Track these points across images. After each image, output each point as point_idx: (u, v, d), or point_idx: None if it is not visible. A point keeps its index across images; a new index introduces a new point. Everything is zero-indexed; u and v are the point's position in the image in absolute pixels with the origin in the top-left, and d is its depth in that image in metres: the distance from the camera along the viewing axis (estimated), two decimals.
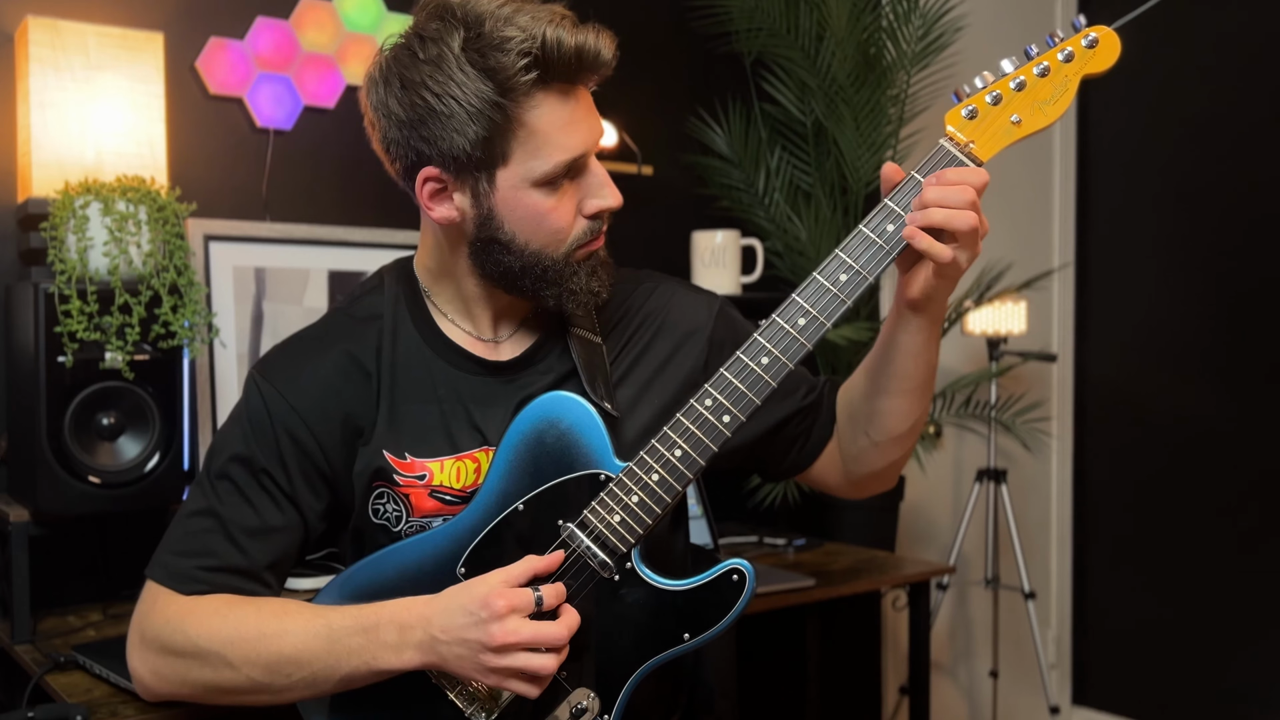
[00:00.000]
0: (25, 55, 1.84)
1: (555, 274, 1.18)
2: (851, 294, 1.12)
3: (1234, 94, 3.26)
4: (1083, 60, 1.13)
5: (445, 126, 1.10)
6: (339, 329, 1.24)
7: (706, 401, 1.13)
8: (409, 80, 1.10)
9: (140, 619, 1.19)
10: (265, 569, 1.19)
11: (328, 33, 2.30)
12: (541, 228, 1.15)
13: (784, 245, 2.85)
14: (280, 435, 1.19)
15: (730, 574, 1.15)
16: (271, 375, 1.21)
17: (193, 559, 1.17)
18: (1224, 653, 3.31)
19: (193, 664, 1.15)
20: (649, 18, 2.80)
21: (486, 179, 1.13)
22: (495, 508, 1.17)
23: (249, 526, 1.18)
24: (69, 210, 1.75)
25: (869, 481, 1.35)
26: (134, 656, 1.19)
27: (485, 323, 1.25)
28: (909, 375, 1.22)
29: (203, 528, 1.18)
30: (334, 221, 2.29)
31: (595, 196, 1.17)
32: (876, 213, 1.13)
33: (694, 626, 1.15)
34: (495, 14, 1.08)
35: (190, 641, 1.14)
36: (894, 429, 1.26)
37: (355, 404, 1.21)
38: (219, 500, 1.18)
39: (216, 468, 1.20)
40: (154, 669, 1.17)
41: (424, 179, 1.15)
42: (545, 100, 1.10)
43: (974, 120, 1.12)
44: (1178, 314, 3.43)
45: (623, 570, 1.15)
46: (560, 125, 1.11)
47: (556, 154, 1.12)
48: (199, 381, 2.08)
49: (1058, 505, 3.67)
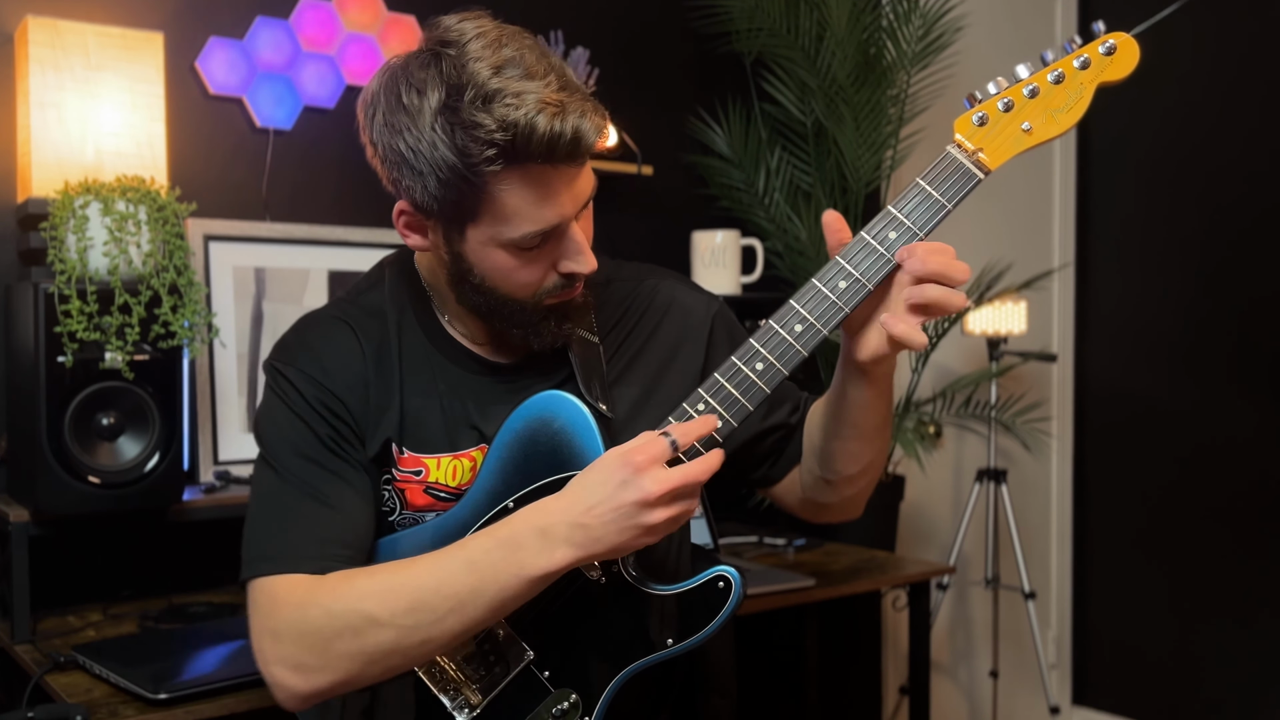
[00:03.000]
0: (25, 55, 1.84)
1: (523, 318, 1.17)
2: (850, 302, 1.10)
3: (1235, 94, 3.26)
4: (1100, 67, 1.10)
5: (415, 179, 1.08)
6: (346, 315, 1.24)
7: (699, 405, 1.12)
8: (390, 122, 1.08)
9: (262, 621, 1.11)
10: (364, 539, 1.17)
11: (328, 33, 2.30)
12: (510, 280, 1.14)
13: (784, 245, 2.85)
14: (322, 411, 1.17)
15: (716, 580, 1.14)
16: (291, 359, 1.20)
17: (299, 542, 1.13)
18: (1224, 653, 3.31)
19: (336, 636, 1.07)
20: (650, 17, 2.80)
21: (457, 230, 1.12)
22: (485, 505, 1.17)
23: (334, 504, 1.15)
24: (69, 210, 1.75)
25: (823, 511, 1.33)
26: (272, 664, 1.09)
27: (479, 330, 1.24)
28: (859, 424, 1.20)
29: (293, 511, 1.14)
30: (334, 221, 2.29)
31: (569, 259, 1.14)
32: (879, 220, 1.11)
33: (678, 632, 1.14)
34: (479, 86, 1.03)
35: (328, 613, 1.08)
36: (845, 469, 1.24)
37: (370, 382, 1.20)
38: (302, 481, 1.15)
39: (282, 458, 1.16)
40: (298, 663, 1.08)
41: (399, 210, 1.15)
42: (516, 181, 1.07)
43: (984, 127, 1.10)
44: (1178, 314, 3.43)
45: (609, 572, 1.15)
46: (531, 202, 1.08)
47: (526, 225, 1.09)
48: (199, 381, 2.09)
49: (1058, 505, 3.67)
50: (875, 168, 2.79)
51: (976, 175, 1.10)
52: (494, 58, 1.05)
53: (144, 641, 1.75)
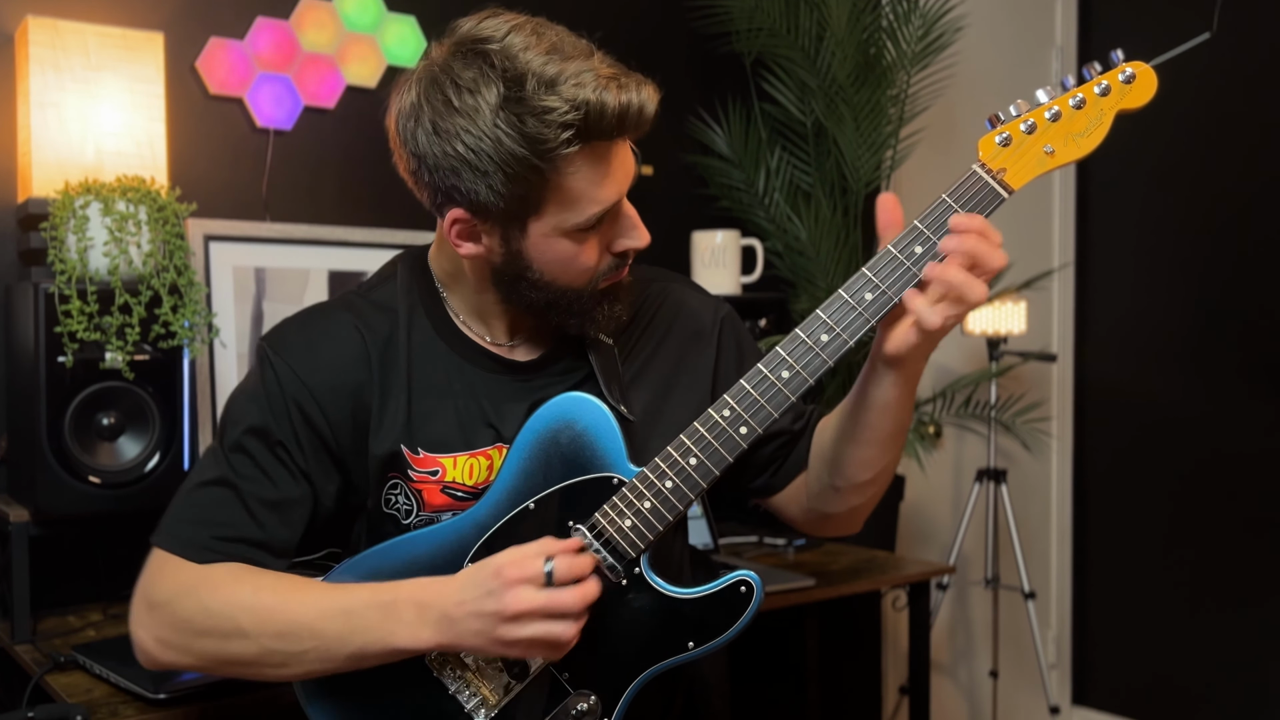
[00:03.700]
0: (25, 55, 1.84)
1: (580, 305, 1.18)
2: (875, 314, 1.12)
3: (1235, 94, 3.26)
4: (1119, 95, 1.13)
5: (478, 179, 1.07)
6: (353, 310, 1.23)
7: (724, 411, 1.13)
8: (442, 129, 1.07)
9: (147, 587, 1.15)
10: (279, 543, 1.17)
11: (328, 33, 2.30)
12: (570, 269, 1.15)
13: (784, 245, 2.85)
14: (293, 410, 1.17)
15: (739, 585, 1.15)
16: (283, 349, 1.20)
17: (207, 528, 1.15)
18: (1224, 653, 3.32)
19: (204, 633, 1.12)
20: (650, 18, 2.80)
21: (518, 227, 1.12)
22: (506, 505, 1.17)
23: (265, 499, 1.16)
24: (69, 210, 1.76)
25: (826, 522, 1.34)
26: (139, 626, 1.15)
27: (500, 330, 1.24)
28: (876, 427, 1.20)
29: (217, 498, 1.17)
30: (334, 221, 2.29)
31: (625, 237, 1.17)
32: (905, 234, 1.13)
33: (699, 635, 1.15)
34: (538, 74, 1.04)
35: (204, 609, 1.11)
36: (856, 476, 1.25)
37: (365, 385, 1.19)
38: (234, 471, 1.17)
39: (232, 439, 1.18)
40: (160, 637, 1.13)
41: (452, 219, 1.13)
42: (583, 161, 1.08)
43: (1007, 148, 1.13)
44: (1178, 314, 3.43)
45: (631, 575, 1.15)
46: (596, 181, 1.10)
47: (591, 208, 1.11)
48: (199, 381, 2.09)
49: (1058, 505, 3.67)
50: (875, 168, 2.79)
51: (1001, 195, 1.13)
52: (541, 45, 1.06)
53: None
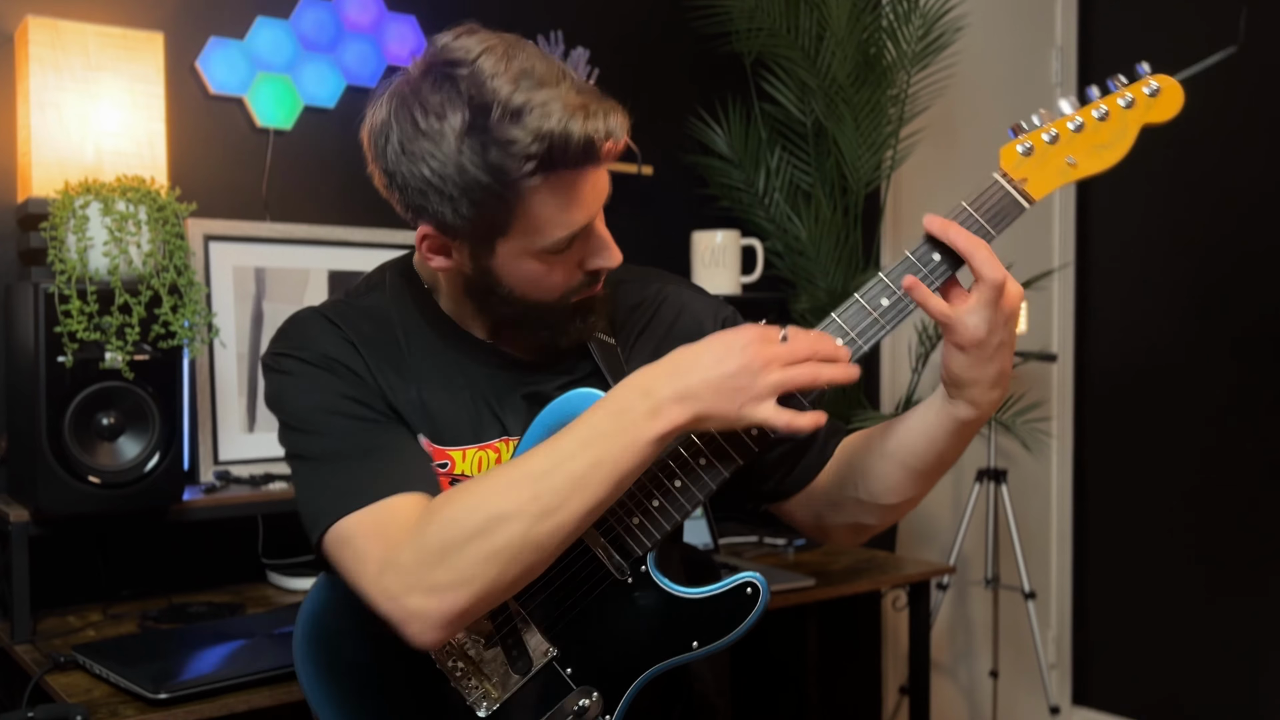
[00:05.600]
0: (25, 55, 1.84)
1: (552, 319, 1.17)
2: (892, 320, 1.10)
3: (1235, 94, 3.26)
4: (1145, 108, 1.12)
5: (444, 203, 1.07)
6: (335, 313, 1.22)
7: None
8: (409, 150, 1.06)
9: (373, 558, 1.04)
10: (433, 478, 1.13)
11: (328, 33, 2.30)
12: (539, 287, 1.14)
13: (784, 245, 2.85)
14: (340, 372, 1.15)
15: (745, 586, 1.15)
16: (288, 346, 1.19)
17: (377, 478, 1.08)
18: (1224, 653, 3.32)
19: (469, 543, 1.02)
20: (650, 18, 2.80)
21: (486, 247, 1.12)
22: None
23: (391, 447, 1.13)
24: (69, 210, 1.76)
25: (837, 532, 1.31)
26: (402, 598, 1.02)
27: (488, 332, 1.24)
28: (915, 452, 1.17)
29: (359, 457, 1.10)
30: (334, 221, 2.29)
31: (596, 257, 1.15)
32: (924, 243, 1.11)
33: (704, 636, 1.15)
34: (504, 102, 1.02)
35: (452, 521, 1.03)
36: (880, 495, 1.21)
37: (370, 366, 1.18)
38: (353, 436, 1.12)
39: (319, 426, 1.13)
40: (431, 585, 1.02)
41: (422, 235, 1.13)
42: (548, 190, 1.06)
43: (1029, 158, 1.11)
44: (1178, 314, 3.43)
45: (636, 573, 1.15)
46: (563, 208, 1.08)
47: (558, 232, 1.09)
48: (199, 381, 2.09)
49: (1058, 505, 3.67)
50: (875, 168, 2.79)
51: (1023, 205, 1.11)
52: (510, 71, 1.04)
53: (144, 641, 1.74)
